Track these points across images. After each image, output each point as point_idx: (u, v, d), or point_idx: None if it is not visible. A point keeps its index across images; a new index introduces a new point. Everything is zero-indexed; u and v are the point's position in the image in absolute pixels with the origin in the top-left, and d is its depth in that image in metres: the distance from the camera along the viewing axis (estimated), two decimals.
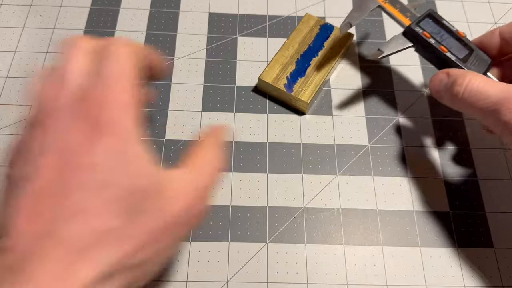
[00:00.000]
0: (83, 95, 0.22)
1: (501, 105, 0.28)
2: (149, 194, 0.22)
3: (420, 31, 0.35)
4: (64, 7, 0.46)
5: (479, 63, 0.34)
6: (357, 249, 0.35)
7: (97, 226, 0.20)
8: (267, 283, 0.33)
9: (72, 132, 0.21)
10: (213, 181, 0.26)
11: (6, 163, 0.22)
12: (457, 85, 0.31)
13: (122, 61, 0.23)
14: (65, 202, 0.20)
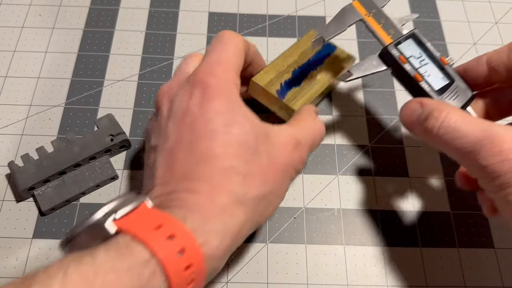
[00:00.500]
0: (192, 76, 0.28)
1: (481, 146, 0.24)
2: (260, 138, 0.26)
3: (397, 54, 0.31)
4: (63, 7, 0.46)
5: (459, 95, 0.31)
6: (358, 249, 0.35)
7: (222, 165, 0.25)
8: (267, 283, 0.33)
9: (184, 100, 0.27)
10: (313, 139, 0.30)
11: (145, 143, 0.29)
12: (432, 119, 0.27)
13: (230, 44, 0.29)
14: (192, 152, 0.25)
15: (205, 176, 0.24)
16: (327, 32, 0.33)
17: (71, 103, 0.40)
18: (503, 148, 0.24)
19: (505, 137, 0.24)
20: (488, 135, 0.24)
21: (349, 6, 0.34)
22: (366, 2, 0.34)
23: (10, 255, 0.33)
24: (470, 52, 0.45)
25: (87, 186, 0.35)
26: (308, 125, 0.31)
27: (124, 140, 0.37)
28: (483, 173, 0.25)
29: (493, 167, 0.24)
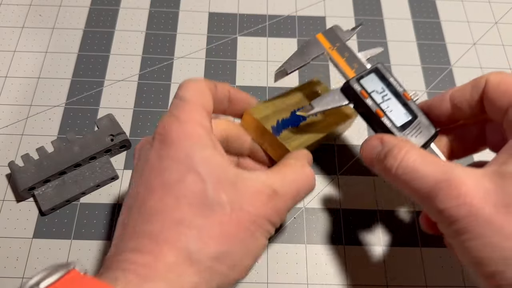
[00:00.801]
0: (157, 126, 0.26)
1: (439, 189, 0.23)
2: (224, 186, 0.24)
3: (358, 88, 0.30)
4: (63, 7, 0.46)
5: (421, 132, 0.30)
6: (358, 249, 0.35)
7: (172, 218, 0.23)
8: (267, 283, 0.33)
9: (146, 152, 0.25)
10: (296, 190, 0.27)
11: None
12: (391, 158, 0.26)
13: (190, 89, 0.27)
14: (145, 208, 0.23)
15: (153, 232, 0.22)
16: (289, 65, 0.32)
17: (71, 103, 0.40)
18: (461, 191, 0.22)
19: (464, 180, 0.23)
20: (447, 178, 0.23)
21: (313, 39, 0.33)
22: (331, 35, 0.33)
23: (10, 255, 0.33)
24: (470, 52, 0.45)
25: (87, 186, 0.35)
26: (292, 173, 0.27)
27: (124, 140, 0.37)
28: (440, 217, 0.23)
29: (450, 211, 0.22)
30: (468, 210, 0.22)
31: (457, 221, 0.22)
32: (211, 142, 0.25)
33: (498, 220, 0.21)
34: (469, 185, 0.22)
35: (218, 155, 0.25)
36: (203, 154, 0.24)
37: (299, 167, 0.28)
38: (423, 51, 0.45)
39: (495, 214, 0.21)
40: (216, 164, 0.24)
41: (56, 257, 0.33)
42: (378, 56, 0.44)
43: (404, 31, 0.46)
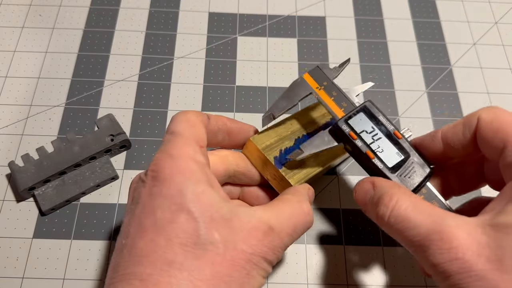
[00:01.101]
0: (151, 163, 0.25)
1: (430, 241, 0.22)
2: (217, 225, 0.23)
3: (347, 130, 0.29)
4: (63, 7, 0.46)
5: (415, 171, 0.28)
6: (358, 249, 0.35)
7: (164, 260, 0.22)
8: (267, 283, 0.33)
9: (139, 190, 0.25)
10: (293, 226, 0.26)
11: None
12: (383, 206, 0.25)
13: (181, 122, 0.27)
14: (136, 248, 0.23)
15: (143, 274, 0.22)
16: (277, 108, 0.32)
17: (71, 103, 0.40)
18: (453, 245, 0.21)
19: (456, 232, 0.21)
20: (439, 229, 0.22)
21: (299, 79, 0.33)
22: (317, 75, 0.32)
23: (10, 255, 0.33)
24: (470, 52, 0.45)
25: (87, 186, 0.35)
26: (289, 208, 0.26)
27: (124, 140, 0.37)
28: (433, 270, 0.22)
29: (443, 266, 0.21)
30: (460, 265, 0.21)
31: (450, 276, 0.21)
32: (205, 177, 0.24)
33: (492, 277, 0.20)
34: (461, 238, 0.21)
35: (212, 191, 0.24)
36: (196, 190, 0.23)
37: (296, 203, 0.27)
38: (423, 51, 0.45)
39: (489, 271, 0.20)
40: (209, 201, 0.23)
41: (56, 257, 0.33)
42: (377, 56, 0.44)
43: (404, 31, 0.46)
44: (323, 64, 0.33)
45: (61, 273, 0.33)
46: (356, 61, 0.44)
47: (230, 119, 0.30)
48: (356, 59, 0.44)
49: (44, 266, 0.33)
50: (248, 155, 0.32)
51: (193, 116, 0.27)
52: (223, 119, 0.30)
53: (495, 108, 0.25)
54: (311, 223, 0.27)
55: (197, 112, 0.28)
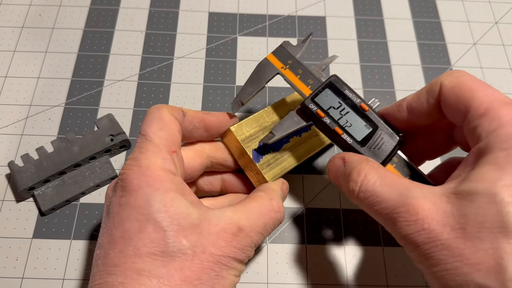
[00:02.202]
0: (120, 176, 0.26)
1: (397, 214, 0.22)
2: (184, 231, 0.24)
3: (314, 108, 0.29)
4: (63, 7, 0.46)
5: (384, 142, 0.28)
6: (358, 249, 0.35)
7: (133, 269, 0.23)
8: (267, 283, 0.33)
9: (110, 199, 0.25)
10: (263, 224, 0.27)
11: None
12: (352, 181, 0.25)
13: (154, 126, 0.27)
14: (107, 260, 0.23)
15: (115, 283, 0.22)
16: (245, 93, 0.31)
17: (71, 103, 0.40)
18: (418, 216, 0.22)
19: (422, 203, 0.22)
20: (405, 202, 0.22)
21: (264, 61, 0.32)
22: (281, 54, 0.32)
23: (10, 255, 0.33)
24: (470, 52, 0.45)
25: (87, 186, 0.35)
26: (259, 207, 0.27)
27: (124, 140, 0.37)
28: (403, 242, 0.23)
29: (411, 238, 0.22)
30: (427, 236, 0.21)
31: (418, 247, 0.22)
32: (173, 185, 0.25)
33: (457, 245, 0.21)
34: (426, 209, 0.22)
35: (181, 198, 0.24)
36: (163, 200, 0.24)
37: (267, 201, 0.28)
38: (423, 51, 0.45)
39: (454, 239, 0.21)
40: (177, 210, 0.24)
41: (56, 257, 0.33)
42: (377, 56, 0.44)
43: (404, 31, 0.46)
44: (286, 42, 0.33)
45: (61, 273, 0.33)
46: (356, 61, 0.44)
47: (207, 113, 0.30)
48: (356, 59, 0.44)
49: (44, 266, 0.33)
50: (227, 143, 0.32)
51: (166, 113, 0.28)
52: (199, 115, 0.30)
53: (457, 73, 0.25)
54: (281, 220, 0.28)
55: (171, 107, 0.28)
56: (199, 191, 0.33)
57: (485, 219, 0.20)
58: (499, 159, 0.21)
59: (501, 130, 0.22)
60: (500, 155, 0.21)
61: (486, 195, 0.20)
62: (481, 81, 0.24)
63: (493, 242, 0.20)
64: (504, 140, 0.21)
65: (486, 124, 0.22)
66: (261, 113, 0.33)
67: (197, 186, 0.33)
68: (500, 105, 0.22)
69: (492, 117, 0.22)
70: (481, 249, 0.20)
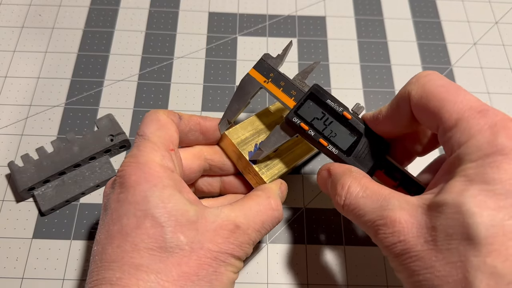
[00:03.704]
0: (118, 172, 0.26)
1: (377, 227, 0.23)
2: (182, 227, 0.24)
3: (298, 121, 0.29)
4: (63, 7, 0.46)
5: (371, 149, 0.29)
6: (358, 249, 0.35)
7: (131, 264, 0.23)
8: (267, 283, 0.33)
9: (108, 196, 0.26)
10: (261, 223, 0.27)
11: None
12: (337, 195, 0.26)
13: (150, 124, 0.27)
14: (105, 255, 0.23)
15: (112, 279, 0.23)
16: (231, 112, 0.31)
17: (71, 103, 0.40)
18: (395, 229, 0.22)
19: (399, 216, 0.22)
20: (383, 214, 0.23)
21: (246, 77, 0.32)
22: (262, 68, 0.32)
23: (10, 255, 0.33)
24: (470, 52, 0.45)
25: (87, 186, 0.35)
26: (256, 205, 0.27)
27: (124, 140, 0.37)
28: (384, 252, 0.23)
29: (389, 249, 0.23)
30: (403, 247, 0.22)
31: (396, 258, 0.22)
32: (171, 182, 0.25)
33: (429, 257, 0.21)
34: (403, 221, 0.22)
35: (178, 195, 0.25)
36: (161, 196, 0.24)
37: (265, 199, 0.28)
38: (423, 51, 0.45)
39: (426, 251, 0.21)
40: (174, 206, 0.24)
41: (55, 258, 0.33)
42: (377, 56, 0.44)
43: (404, 31, 0.46)
44: (267, 55, 0.33)
45: (60, 273, 0.33)
46: (356, 61, 0.44)
47: (203, 118, 0.31)
48: (356, 59, 0.44)
49: (44, 267, 0.33)
50: (223, 147, 0.32)
51: (163, 115, 0.28)
52: (195, 118, 0.30)
53: (423, 78, 0.25)
54: (279, 218, 0.28)
55: (168, 111, 0.29)
56: (198, 192, 0.33)
57: (453, 231, 0.20)
58: (468, 171, 0.21)
59: (471, 142, 0.21)
60: (470, 166, 0.21)
61: (453, 205, 0.20)
62: (450, 86, 0.24)
63: (461, 255, 0.20)
64: (474, 151, 0.21)
65: (457, 136, 0.22)
66: (257, 116, 0.34)
67: (196, 187, 0.33)
68: (470, 115, 0.22)
69: (463, 129, 0.22)
70: (450, 262, 0.20)
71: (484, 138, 0.21)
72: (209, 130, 0.31)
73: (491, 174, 0.20)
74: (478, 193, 0.20)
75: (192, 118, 0.30)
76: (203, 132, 0.31)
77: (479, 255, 0.19)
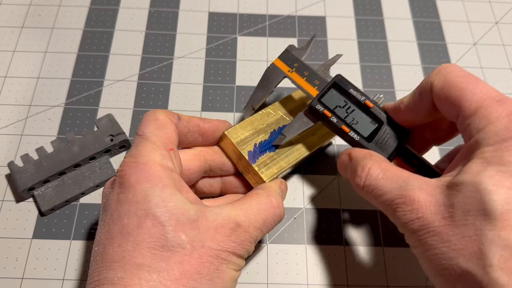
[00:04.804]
0: (118, 172, 0.26)
1: (397, 205, 0.25)
2: (183, 226, 0.24)
3: (321, 109, 0.31)
4: (63, 7, 0.46)
5: (391, 137, 0.30)
6: (358, 249, 0.35)
7: (133, 263, 0.23)
8: (267, 284, 0.33)
9: (107, 196, 0.26)
10: (262, 221, 0.27)
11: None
12: (357, 176, 0.27)
13: (149, 124, 0.27)
14: (106, 255, 0.23)
15: (114, 278, 0.23)
16: (255, 99, 0.33)
17: (71, 103, 0.40)
18: (414, 207, 0.24)
19: (418, 195, 0.24)
20: (403, 194, 0.24)
21: (271, 66, 0.34)
22: (288, 58, 0.34)
23: (10, 255, 0.33)
24: (470, 52, 0.45)
25: (87, 186, 0.35)
26: (257, 203, 0.27)
27: (124, 140, 0.37)
28: (401, 229, 0.25)
29: (408, 225, 0.24)
30: (420, 224, 0.23)
31: (413, 234, 0.24)
32: (171, 181, 0.25)
33: (445, 232, 0.22)
34: (421, 200, 0.24)
35: (179, 194, 0.25)
36: (162, 195, 0.24)
37: (265, 197, 0.28)
38: (423, 51, 0.45)
39: (443, 227, 0.22)
40: (175, 205, 0.24)
41: (55, 258, 0.33)
42: (377, 56, 0.44)
43: (404, 31, 0.46)
44: (291, 46, 0.35)
45: (60, 273, 0.33)
46: (356, 61, 0.44)
47: (203, 119, 0.31)
48: (356, 59, 0.44)
49: (44, 267, 0.33)
50: (223, 148, 0.33)
51: (162, 115, 0.28)
52: (195, 120, 0.30)
53: (445, 69, 0.26)
54: (281, 216, 0.29)
55: (167, 111, 0.29)
56: (198, 192, 0.33)
57: (470, 207, 0.22)
58: (485, 154, 0.22)
59: (489, 127, 0.23)
60: (487, 149, 0.23)
61: (471, 184, 0.22)
62: (470, 77, 0.25)
63: (477, 229, 0.21)
64: (491, 136, 0.23)
65: (476, 123, 0.24)
66: (256, 116, 0.34)
67: (197, 187, 0.33)
68: (489, 103, 0.24)
69: (482, 116, 0.23)
70: (466, 236, 0.21)
71: (502, 124, 0.23)
72: (208, 132, 0.31)
73: (507, 157, 0.22)
74: (495, 174, 0.22)
75: (192, 120, 0.30)
76: (202, 134, 0.31)
77: (494, 229, 0.21)
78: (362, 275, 0.34)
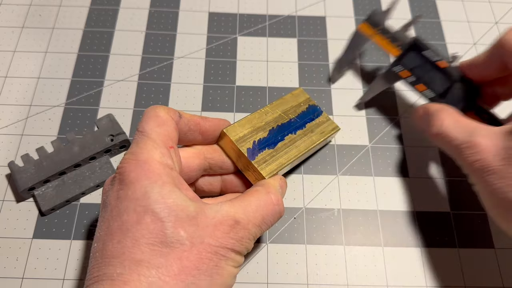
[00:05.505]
0: (118, 169, 0.26)
1: (462, 149, 0.29)
2: (182, 222, 0.24)
3: (400, 69, 0.36)
4: (63, 7, 0.46)
5: (461, 94, 0.34)
6: (358, 249, 0.35)
7: (132, 259, 0.23)
8: (267, 283, 0.33)
9: (107, 193, 0.26)
10: (261, 217, 0.27)
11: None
12: (432, 126, 0.32)
13: (150, 121, 0.28)
14: (105, 251, 0.24)
15: (114, 274, 0.23)
16: (344, 61, 0.40)
17: (71, 103, 0.40)
18: (477, 150, 0.28)
19: (481, 141, 0.28)
20: (469, 140, 0.29)
21: (356, 32, 0.39)
22: (372, 21, 0.39)
23: (10, 255, 0.33)
24: (470, 52, 0.45)
25: (87, 186, 0.35)
26: (256, 200, 0.27)
27: (124, 140, 0.37)
28: (466, 169, 0.30)
29: (471, 166, 0.29)
30: (481, 164, 0.28)
31: (474, 173, 0.29)
32: (170, 179, 0.25)
33: (502, 170, 0.27)
34: (483, 144, 0.28)
35: (178, 192, 0.25)
36: (161, 192, 0.24)
37: (265, 194, 0.28)
38: None
39: (501, 166, 0.27)
40: (174, 202, 0.24)
41: (56, 258, 0.33)
42: (378, 56, 0.44)
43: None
44: (374, 11, 0.39)
45: (61, 273, 0.33)
46: (356, 61, 0.44)
47: (203, 118, 0.31)
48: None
49: (44, 267, 0.33)
50: (222, 146, 0.33)
51: (163, 112, 0.28)
52: (195, 119, 0.31)
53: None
54: (280, 213, 0.29)
55: (168, 108, 0.29)
56: (199, 191, 0.33)
57: None
58: None
59: None
60: None
61: None
62: None
63: None
64: None
65: None
66: (254, 115, 0.34)
67: (197, 186, 0.33)
68: None
69: None
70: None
71: None
72: (208, 131, 0.31)
73: None
74: None
75: (193, 119, 0.30)
76: (202, 133, 0.31)
77: None
78: (362, 275, 0.34)
